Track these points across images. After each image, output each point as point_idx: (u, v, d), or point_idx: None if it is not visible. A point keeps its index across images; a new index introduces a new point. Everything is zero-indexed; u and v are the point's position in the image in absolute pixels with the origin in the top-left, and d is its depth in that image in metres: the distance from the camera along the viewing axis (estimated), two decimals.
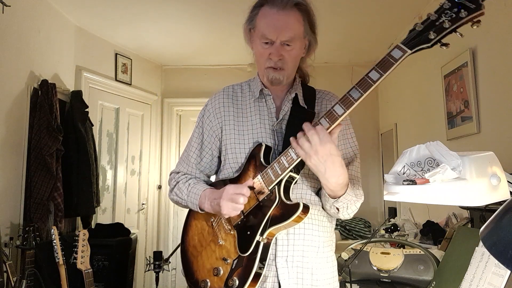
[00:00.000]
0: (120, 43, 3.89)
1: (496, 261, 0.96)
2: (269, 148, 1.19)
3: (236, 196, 1.10)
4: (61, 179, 2.82)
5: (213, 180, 1.37)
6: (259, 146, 1.19)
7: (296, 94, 1.26)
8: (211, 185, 1.30)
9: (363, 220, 3.73)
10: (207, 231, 1.24)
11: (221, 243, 1.18)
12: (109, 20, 3.36)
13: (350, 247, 1.77)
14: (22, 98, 2.66)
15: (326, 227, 1.23)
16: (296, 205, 1.06)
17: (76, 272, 2.22)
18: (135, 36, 3.73)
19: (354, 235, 3.58)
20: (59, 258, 2.17)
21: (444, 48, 0.93)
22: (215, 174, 1.37)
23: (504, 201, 0.69)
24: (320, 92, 1.32)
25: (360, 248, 1.70)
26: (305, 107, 1.24)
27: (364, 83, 0.98)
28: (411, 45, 0.95)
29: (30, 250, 2.26)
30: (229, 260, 1.14)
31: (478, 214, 1.53)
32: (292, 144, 1.05)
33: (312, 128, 1.01)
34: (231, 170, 1.25)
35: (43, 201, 2.66)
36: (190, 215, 1.32)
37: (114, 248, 2.95)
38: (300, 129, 1.05)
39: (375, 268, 1.65)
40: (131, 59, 4.11)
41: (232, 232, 1.16)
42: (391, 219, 3.17)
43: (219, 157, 1.32)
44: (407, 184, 0.91)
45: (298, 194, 1.19)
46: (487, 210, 1.31)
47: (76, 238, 2.24)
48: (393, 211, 3.73)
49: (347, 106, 1.00)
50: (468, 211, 1.74)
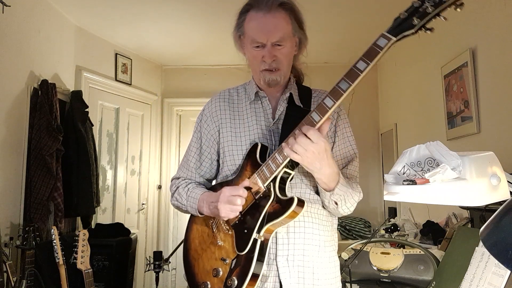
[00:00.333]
0: (120, 43, 3.89)
1: (496, 261, 0.96)
2: (265, 148, 1.19)
3: (233, 198, 1.10)
4: (61, 179, 2.81)
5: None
6: (255, 145, 1.20)
7: (291, 94, 1.27)
8: (210, 188, 1.31)
9: (363, 220, 3.73)
10: (207, 233, 1.24)
11: (220, 244, 1.19)
12: (109, 20, 3.36)
13: (350, 247, 1.77)
14: (22, 98, 2.66)
15: (327, 226, 1.23)
16: (290, 200, 1.07)
17: (76, 272, 2.22)
18: (135, 36, 3.73)
19: (354, 235, 3.58)
20: (59, 258, 2.17)
21: (428, 32, 0.96)
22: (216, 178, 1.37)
23: (504, 201, 0.69)
24: (316, 91, 1.32)
25: (360, 248, 1.70)
26: (301, 106, 1.25)
27: (352, 73, 0.99)
28: (395, 32, 0.97)
29: (30, 250, 2.26)
30: (228, 260, 1.14)
31: (478, 214, 1.53)
32: (285, 151, 1.05)
33: (301, 133, 1.02)
34: (229, 172, 1.26)
35: (43, 201, 2.66)
36: (191, 220, 1.33)
37: (114, 248, 2.95)
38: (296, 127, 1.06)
39: (375, 268, 1.65)
40: (131, 59, 4.11)
41: (231, 232, 1.16)
42: (391, 219, 3.17)
43: (218, 161, 1.33)
44: (407, 184, 0.91)
45: (297, 193, 1.19)
46: (487, 210, 1.31)
47: (76, 238, 2.24)
48: (393, 211, 3.73)
49: (336, 97, 1.01)
50: (468, 211, 1.74)
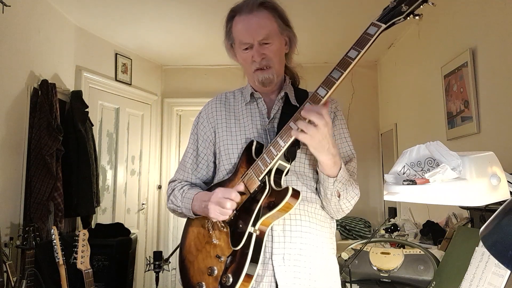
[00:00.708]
0: (120, 43, 3.89)
1: (496, 261, 0.97)
2: (261, 145, 1.18)
3: (223, 201, 1.09)
4: (61, 179, 2.82)
5: None
6: (251, 143, 1.19)
7: (286, 94, 1.27)
8: (207, 190, 1.29)
9: (363, 220, 3.73)
10: (203, 234, 1.23)
11: (215, 242, 1.17)
12: (109, 20, 3.36)
13: (350, 247, 1.77)
14: (22, 98, 2.66)
15: (324, 227, 1.21)
16: (285, 189, 1.05)
17: (76, 272, 2.22)
18: (135, 36, 3.73)
19: (354, 235, 3.58)
20: (59, 258, 2.17)
21: (417, 18, 0.97)
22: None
23: (504, 201, 0.69)
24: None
25: (360, 248, 1.70)
26: (297, 105, 1.24)
27: (344, 62, 1.00)
28: (385, 20, 0.98)
29: (30, 250, 2.26)
30: (223, 258, 1.12)
31: (478, 214, 1.53)
32: (292, 133, 1.04)
33: (311, 111, 1.01)
34: (225, 171, 1.25)
35: (43, 201, 2.66)
36: (187, 224, 1.32)
37: (114, 248, 2.95)
38: None
39: (375, 268, 1.65)
40: (131, 59, 4.11)
41: (225, 229, 1.15)
42: (391, 219, 3.17)
43: (215, 162, 1.32)
44: (407, 184, 0.91)
45: None
46: (487, 210, 1.31)
47: (76, 238, 2.24)
48: (393, 211, 3.73)
49: (328, 86, 1.02)
50: (468, 211, 1.74)
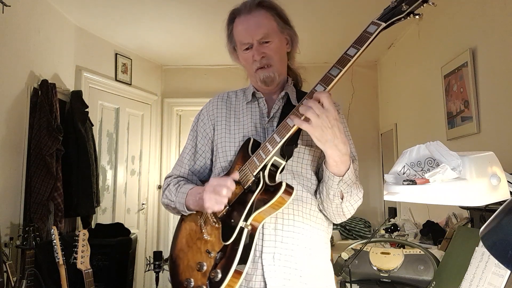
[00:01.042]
0: (120, 43, 3.89)
1: (496, 261, 0.97)
2: (258, 143, 1.17)
3: (219, 188, 1.06)
4: (61, 179, 2.82)
5: None
6: (248, 140, 1.18)
7: (287, 94, 1.26)
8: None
9: (363, 220, 3.73)
10: (194, 231, 1.21)
11: (206, 237, 1.15)
12: (109, 20, 3.36)
13: (350, 247, 1.77)
14: (22, 98, 2.66)
15: (319, 229, 1.19)
16: (279, 184, 1.04)
17: (76, 272, 2.21)
18: (135, 36, 3.73)
19: (354, 235, 3.58)
20: (59, 258, 2.17)
21: (417, 17, 0.98)
22: None
23: (504, 201, 0.69)
24: None
25: (360, 248, 1.70)
26: None
27: (343, 60, 1.00)
28: (385, 19, 0.98)
29: (30, 250, 2.26)
30: (213, 253, 1.11)
31: (478, 214, 1.53)
32: (294, 121, 1.01)
33: (313, 100, 0.99)
34: (221, 168, 1.24)
35: (43, 201, 2.66)
36: (180, 221, 1.31)
37: (114, 248, 2.95)
38: None
39: (375, 268, 1.65)
40: (131, 59, 4.11)
41: (218, 225, 1.13)
42: (391, 219, 3.17)
43: (212, 160, 1.31)
44: (407, 184, 0.91)
45: None
46: (487, 210, 1.31)
47: (76, 238, 2.24)
48: (393, 211, 3.73)
49: (327, 83, 1.01)
50: (468, 211, 1.74)
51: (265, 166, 1.08)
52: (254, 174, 1.09)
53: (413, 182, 0.90)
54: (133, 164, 4.16)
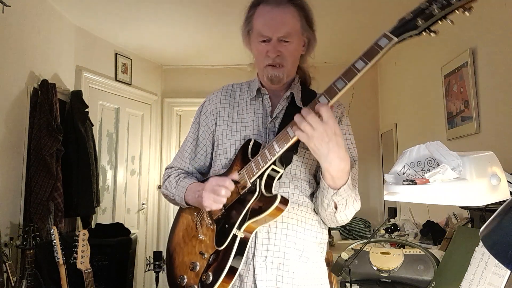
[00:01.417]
0: (120, 43, 3.89)
1: (496, 261, 0.97)
2: (259, 144, 1.16)
3: (218, 188, 1.07)
4: (61, 179, 2.82)
5: None
6: (248, 141, 1.17)
7: (293, 94, 1.24)
8: (202, 181, 1.29)
9: (363, 220, 3.73)
10: (191, 226, 1.22)
11: (201, 238, 1.16)
12: (109, 20, 3.36)
13: (350, 247, 1.77)
14: (22, 98, 2.66)
15: (314, 231, 1.18)
16: (274, 197, 1.03)
17: (76, 272, 2.21)
18: (135, 36, 3.73)
19: (354, 235, 3.58)
20: (59, 258, 2.17)
21: (432, 35, 0.92)
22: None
23: (504, 201, 0.69)
24: None
25: (360, 248, 1.70)
26: (302, 107, 1.20)
27: (349, 72, 0.96)
28: (398, 33, 0.93)
29: (30, 250, 2.26)
30: (206, 255, 1.12)
31: (478, 214, 1.53)
32: (292, 130, 1.00)
33: (312, 112, 0.96)
34: (221, 165, 1.24)
35: (43, 201, 2.66)
36: (178, 212, 1.32)
37: (114, 248, 2.95)
38: None
39: (375, 268, 1.65)
40: (131, 59, 4.11)
41: (212, 227, 1.14)
42: (391, 219, 3.17)
43: (213, 153, 1.31)
44: (407, 184, 0.91)
45: (285, 193, 1.15)
46: (487, 210, 1.31)
47: (76, 238, 2.24)
48: (393, 211, 3.73)
49: (330, 96, 0.98)
50: (468, 211, 1.74)
51: (262, 174, 1.08)
52: (251, 181, 1.09)
53: (413, 182, 0.90)
54: (133, 164, 4.16)
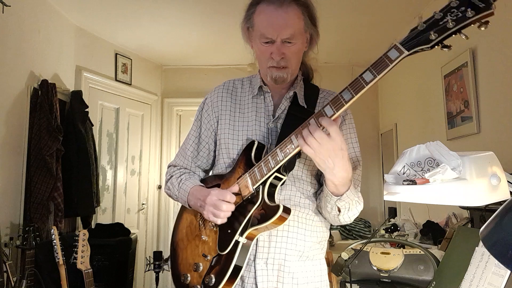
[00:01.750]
0: (120, 43, 3.89)
1: (496, 261, 0.96)
2: (262, 146, 1.16)
3: (219, 203, 1.08)
4: (61, 179, 2.81)
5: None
6: (252, 143, 1.16)
7: (295, 93, 1.22)
8: (203, 180, 1.29)
9: (363, 220, 3.73)
10: (195, 225, 1.23)
11: (204, 239, 1.17)
12: (109, 20, 3.36)
13: (350, 247, 1.77)
14: (22, 98, 2.66)
15: (314, 231, 1.18)
16: (276, 207, 1.03)
17: (76, 272, 2.22)
18: (135, 36, 3.73)
19: (354, 235, 3.58)
20: (59, 258, 2.17)
21: (445, 50, 0.87)
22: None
23: (504, 201, 0.69)
24: (324, 92, 1.27)
25: (360, 248, 1.70)
26: (305, 106, 1.21)
27: (357, 84, 0.94)
28: (409, 46, 0.89)
29: (30, 250, 2.26)
30: (209, 257, 1.13)
31: (478, 214, 1.53)
32: (299, 142, 0.99)
33: (319, 129, 0.96)
34: (224, 165, 1.24)
35: (43, 201, 2.66)
36: (182, 208, 1.32)
37: (114, 248, 2.95)
38: (296, 128, 1.02)
39: (375, 268, 1.65)
40: (131, 59, 4.11)
41: (215, 229, 1.15)
42: (391, 219, 3.17)
43: (215, 151, 1.30)
44: (407, 184, 0.91)
45: (287, 195, 1.15)
46: (487, 210, 1.31)
47: (76, 238, 2.24)
48: (393, 211, 3.73)
49: (337, 108, 0.96)
50: (468, 211, 1.74)
51: (265, 181, 1.08)
52: (254, 187, 1.08)
53: (413, 182, 0.90)
54: (133, 164, 4.16)
